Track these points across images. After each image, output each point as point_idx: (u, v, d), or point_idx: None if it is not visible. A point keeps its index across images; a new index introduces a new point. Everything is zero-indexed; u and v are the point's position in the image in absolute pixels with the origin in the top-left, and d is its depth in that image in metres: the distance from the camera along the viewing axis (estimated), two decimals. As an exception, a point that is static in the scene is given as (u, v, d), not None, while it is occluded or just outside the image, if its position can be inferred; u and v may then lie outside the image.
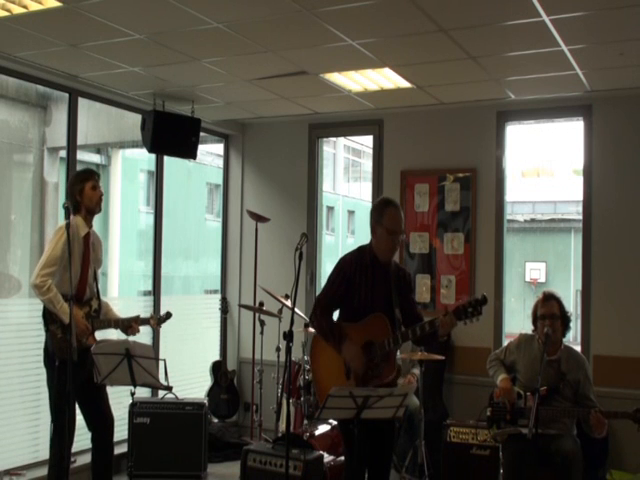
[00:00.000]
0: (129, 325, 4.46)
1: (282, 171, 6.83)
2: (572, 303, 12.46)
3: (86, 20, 4.04)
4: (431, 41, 4.30)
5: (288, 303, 5.57)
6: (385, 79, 5.21)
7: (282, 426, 5.59)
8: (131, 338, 4.38)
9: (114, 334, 4.82)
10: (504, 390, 4.26)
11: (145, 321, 4.56)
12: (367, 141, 8.60)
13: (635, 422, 3.93)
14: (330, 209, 21.79)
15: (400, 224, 3.83)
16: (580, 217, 5.77)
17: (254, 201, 6.93)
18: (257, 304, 6.04)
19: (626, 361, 5.30)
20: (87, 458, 5.00)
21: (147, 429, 5.42)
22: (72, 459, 4.73)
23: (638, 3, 3.66)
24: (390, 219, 3.78)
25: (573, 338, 8.68)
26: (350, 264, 3.87)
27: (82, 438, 4.69)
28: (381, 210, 3.83)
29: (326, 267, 6.85)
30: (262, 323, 6.13)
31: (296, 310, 3.99)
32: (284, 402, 5.49)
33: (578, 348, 5.01)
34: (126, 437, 5.45)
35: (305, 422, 5.17)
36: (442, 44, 4.33)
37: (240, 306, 6.59)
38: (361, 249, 3.95)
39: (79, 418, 4.40)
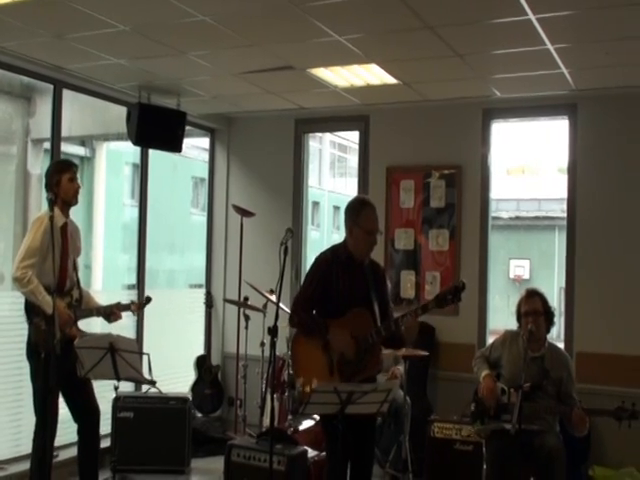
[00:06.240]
0: (111, 312, 4.44)
1: (268, 166, 6.81)
2: (555, 300, 12.55)
3: (71, 11, 4.00)
4: (418, 38, 4.30)
5: (273, 298, 5.56)
6: (371, 75, 5.20)
7: (266, 421, 5.59)
8: (115, 330, 4.34)
9: (97, 323, 4.79)
10: (487, 389, 4.25)
11: (126, 307, 4.54)
12: (353, 137, 8.59)
13: (616, 420, 3.94)
14: (316, 204, 21.77)
15: (377, 223, 3.86)
16: (564, 215, 5.81)
17: (239, 195, 6.90)
18: (242, 299, 6.03)
19: (609, 358, 5.34)
20: (70, 452, 4.99)
21: (131, 424, 5.40)
22: (55, 453, 4.68)
23: (624, 3, 3.68)
24: (367, 220, 3.81)
25: (556, 335, 8.74)
26: (326, 263, 3.90)
27: (65, 432, 4.66)
28: (357, 211, 3.85)
29: (311, 262, 6.84)
30: (247, 318, 6.12)
31: (281, 305, 3.99)
32: (268, 397, 5.48)
33: (561, 345, 5.04)
34: (109, 431, 5.40)
35: (289, 417, 5.17)
36: (429, 41, 4.34)
37: (225, 301, 6.57)
38: (335, 248, 3.98)
39: (62, 412, 4.38)
